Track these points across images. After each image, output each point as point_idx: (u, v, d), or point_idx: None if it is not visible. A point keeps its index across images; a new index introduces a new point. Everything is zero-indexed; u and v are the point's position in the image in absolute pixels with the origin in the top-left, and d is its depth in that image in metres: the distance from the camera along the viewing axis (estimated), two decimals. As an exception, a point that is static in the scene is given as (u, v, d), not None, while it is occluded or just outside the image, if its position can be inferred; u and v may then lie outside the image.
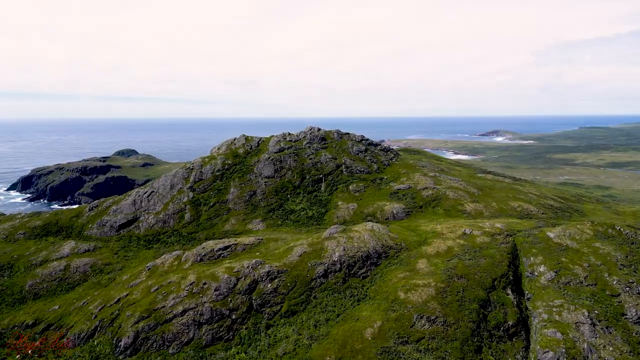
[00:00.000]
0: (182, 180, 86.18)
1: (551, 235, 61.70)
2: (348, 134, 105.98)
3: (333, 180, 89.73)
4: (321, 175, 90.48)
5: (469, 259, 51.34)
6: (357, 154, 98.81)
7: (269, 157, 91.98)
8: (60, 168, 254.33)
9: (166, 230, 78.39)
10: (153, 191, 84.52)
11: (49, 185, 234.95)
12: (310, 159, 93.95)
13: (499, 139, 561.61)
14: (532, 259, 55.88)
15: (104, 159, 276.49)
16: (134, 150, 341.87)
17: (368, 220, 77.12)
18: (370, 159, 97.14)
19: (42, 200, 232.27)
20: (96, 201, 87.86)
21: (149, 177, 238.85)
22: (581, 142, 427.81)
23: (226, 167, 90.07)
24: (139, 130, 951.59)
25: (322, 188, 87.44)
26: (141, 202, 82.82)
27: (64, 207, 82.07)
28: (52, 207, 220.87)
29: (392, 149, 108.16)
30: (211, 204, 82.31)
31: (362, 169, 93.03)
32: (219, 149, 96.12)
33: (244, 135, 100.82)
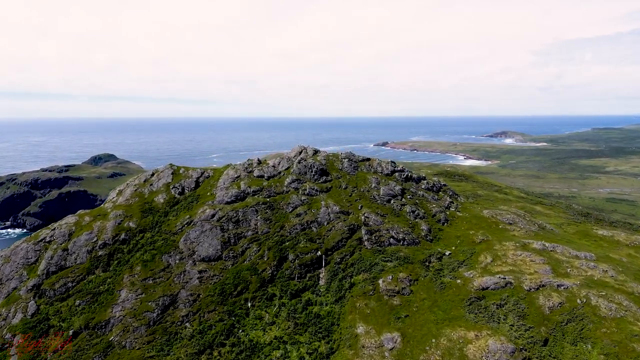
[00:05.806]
0: (21, 270, 37.30)
1: None
2: (369, 159, 56.50)
3: (344, 261, 41.22)
4: (319, 254, 41.69)
5: None
6: (388, 200, 49.91)
7: (214, 215, 43.06)
8: (12, 179, 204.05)
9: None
10: (-50, 298, 35.62)
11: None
12: (299, 215, 45.14)
13: (509, 140, 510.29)
14: None
15: (67, 167, 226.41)
16: (112, 155, 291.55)
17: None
18: (413, 211, 48.49)
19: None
20: None
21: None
22: (599, 145, 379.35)
23: (122, 237, 41.05)
24: (134, 130, 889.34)
25: (322, 282, 39.06)
26: None
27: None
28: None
29: (444, 185, 58.53)
30: (72, 330, 33.55)
31: (401, 235, 44.55)
32: (119, 194, 46.72)
33: (171, 165, 51.23)
